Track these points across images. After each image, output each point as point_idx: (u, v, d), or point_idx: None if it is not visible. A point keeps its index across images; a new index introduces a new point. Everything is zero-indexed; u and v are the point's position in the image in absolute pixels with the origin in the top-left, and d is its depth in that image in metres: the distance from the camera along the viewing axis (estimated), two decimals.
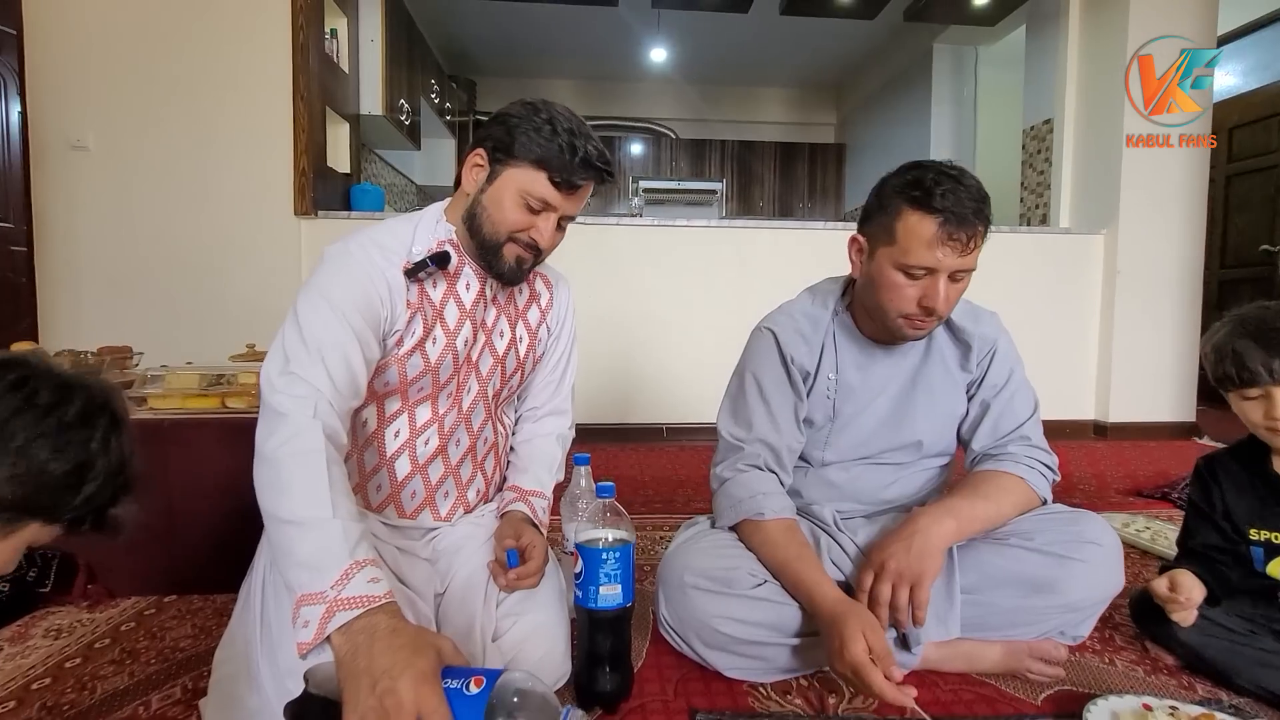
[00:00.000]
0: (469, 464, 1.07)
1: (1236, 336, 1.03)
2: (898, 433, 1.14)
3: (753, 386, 1.13)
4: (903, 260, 0.98)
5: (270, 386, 0.83)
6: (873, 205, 1.04)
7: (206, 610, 1.26)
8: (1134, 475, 2.38)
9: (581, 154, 0.92)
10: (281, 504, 0.75)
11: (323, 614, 0.68)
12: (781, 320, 1.14)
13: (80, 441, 0.63)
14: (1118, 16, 3.12)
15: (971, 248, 0.97)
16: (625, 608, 0.93)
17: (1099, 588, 1.03)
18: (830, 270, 1.27)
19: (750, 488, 1.07)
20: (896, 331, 1.05)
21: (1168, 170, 3.11)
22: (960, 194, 0.95)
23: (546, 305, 1.14)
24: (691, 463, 2.57)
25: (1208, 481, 1.13)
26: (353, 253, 0.93)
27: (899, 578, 0.94)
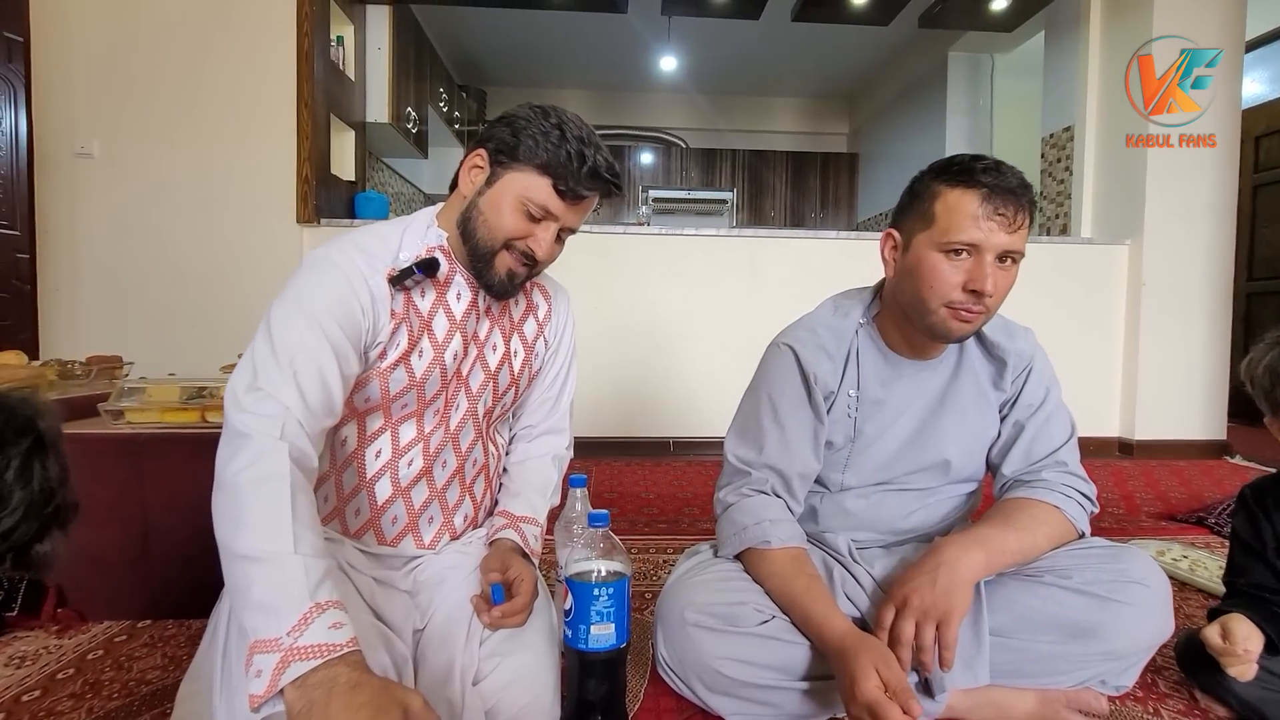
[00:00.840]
0: (456, 487, 0.99)
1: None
2: (923, 453, 1.05)
3: (767, 408, 1.04)
4: (944, 239, 0.90)
5: (235, 404, 0.75)
6: (905, 200, 0.99)
7: (180, 637, 1.19)
8: (1165, 497, 2.27)
9: (590, 164, 0.86)
10: (238, 537, 0.67)
11: (276, 663, 0.61)
12: (802, 335, 1.05)
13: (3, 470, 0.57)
14: (1140, 20, 3.03)
15: (1018, 224, 0.89)
16: (619, 649, 0.85)
17: (1145, 634, 0.92)
18: (841, 280, 1.19)
19: (755, 514, 0.99)
20: (938, 328, 0.94)
21: (1195, 178, 3.01)
22: (1003, 169, 0.90)
23: (544, 317, 1.07)
24: (698, 479, 2.48)
25: (1255, 513, 1.03)
26: (334, 258, 0.86)
27: (923, 615, 0.85)
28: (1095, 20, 3.26)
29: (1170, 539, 1.78)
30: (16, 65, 2.76)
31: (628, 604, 0.87)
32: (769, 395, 1.04)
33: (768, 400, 1.04)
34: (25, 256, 2.85)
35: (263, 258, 2.86)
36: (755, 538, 0.97)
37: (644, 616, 1.28)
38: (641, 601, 1.37)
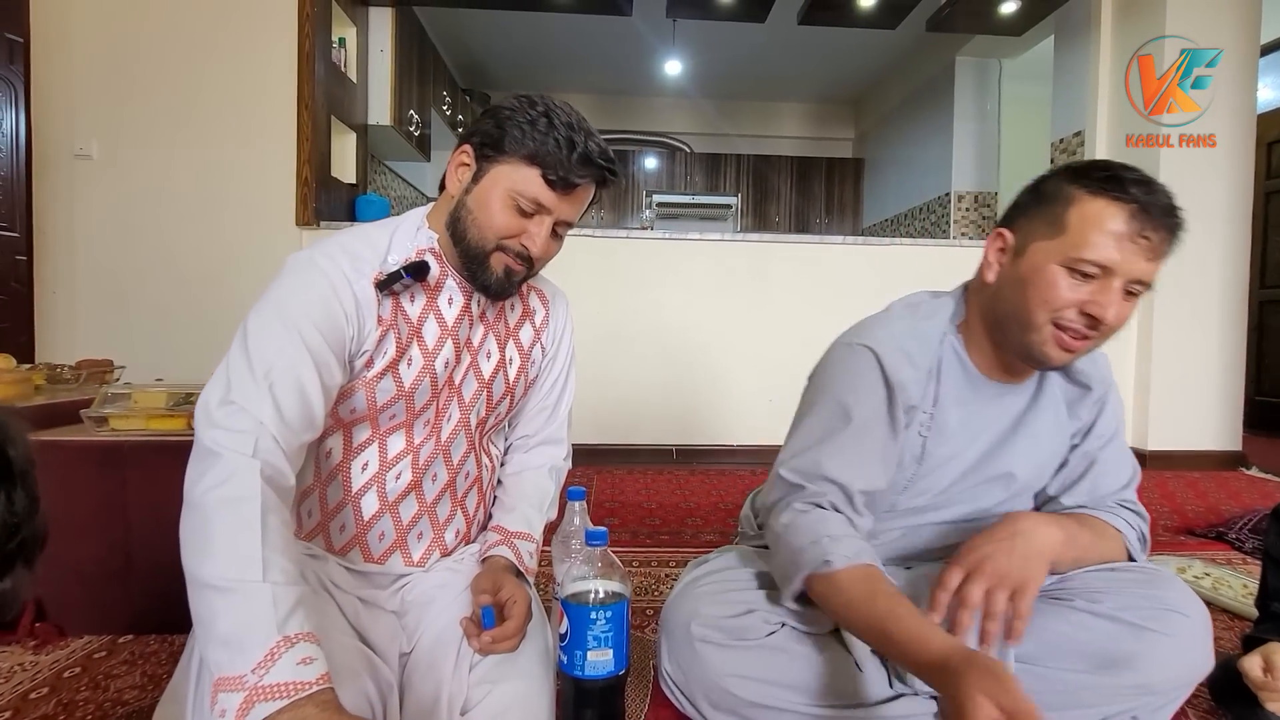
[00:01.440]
0: (447, 501, 0.94)
1: None
2: (982, 492, 0.95)
3: (837, 414, 0.89)
4: (1074, 254, 0.78)
5: (207, 419, 0.70)
6: (1026, 199, 0.87)
7: (161, 654, 1.14)
8: (1181, 510, 2.21)
9: (581, 149, 0.80)
10: (204, 564, 0.62)
11: (240, 703, 0.56)
12: (882, 337, 0.91)
13: None
14: (1152, 25, 2.98)
15: (1161, 253, 0.79)
16: (617, 676, 0.80)
17: (1183, 669, 0.85)
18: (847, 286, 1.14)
19: (811, 532, 0.83)
20: (1036, 349, 0.83)
21: (1208, 184, 2.96)
22: (1156, 187, 0.79)
23: (541, 323, 1.02)
24: (702, 489, 2.43)
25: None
26: (317, 262, 0.82)
27: (998, 580, 0.75)
28: (1106, 24, 3.22)
29: (1190, 555, 1.72)
30: (17, 66, 2.74)
31: (627, 627, 0.82)
32: (840, 400, 0.89)
33: (837, 406, 0.89)
34: (23, 259, 2.82)
35: (261, 261, 2.82)
36: (814, 560, 0.80)
37: (645, 634, 1.23)
38: (643, 619, 1.32)
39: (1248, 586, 1.47)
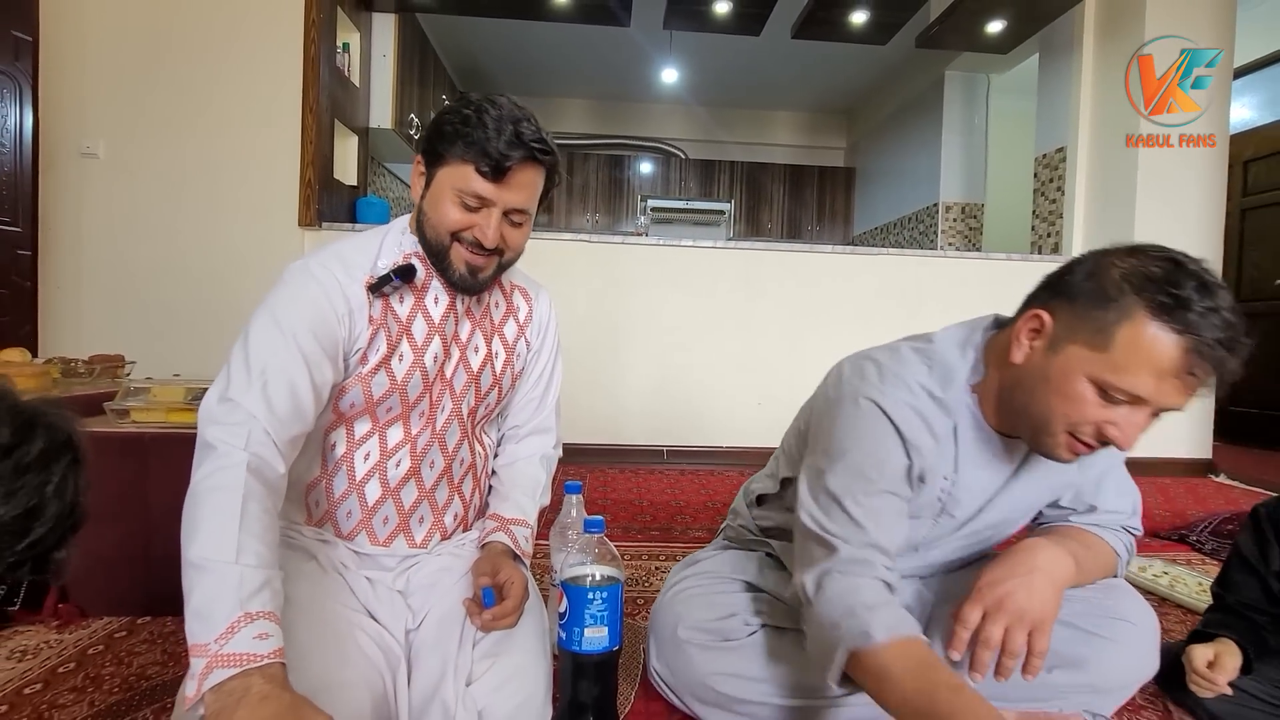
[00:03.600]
0: (445, 487, 1.02)
1: None
2: (979, 537, 0.97)
3: (859, 474, 0.83)
4: (1110, 378, 0.72)
5: (207, 415, 0.79)
6: (1080, 285, 0.77)
7: (179, 634, 1.21)
8: (1149, 514, 2.30)
9: (508, 135, 0.85)
10: (190, 544, 0.70)
11: (202, 668, 0.63)
12: (897, 394, 0.85)
13: (35, 485, 0.59)
14: (1132, 45, 3.10)
15: (1203, 387, 0.72)
16: (612, 652, 0.88)
17: (1130, 671, 0.94)
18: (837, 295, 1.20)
19: (852, 600, 0.77)
20: (1046, 449, 0.80)
21: (1184, 199, 3.07)
22: (1224, 315, 0.69)
23: (525, 318, 1.09)
24: (692, 487, 2.51)
25: (1265, 534, 1.04)
26: (312, 270, 0.90)
27: (1018, 619, 0.76)
28: (1088, 45, 3.33)
29: (1152, 555, 1.81)
30: (23, 63, 2.79)
31: (621, 608, 0.89)
32: (860, 465, 0.84)
33: (861, 465, 0.84)
34: (26, 253, 2.86)
35: (264, 260, 2.88)
36: (854, 634, 0.75)
37: (635, 622, 1.31)
38: (633, 608, 1.39)
39: (1202, 584, 1.56)
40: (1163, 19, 3.03)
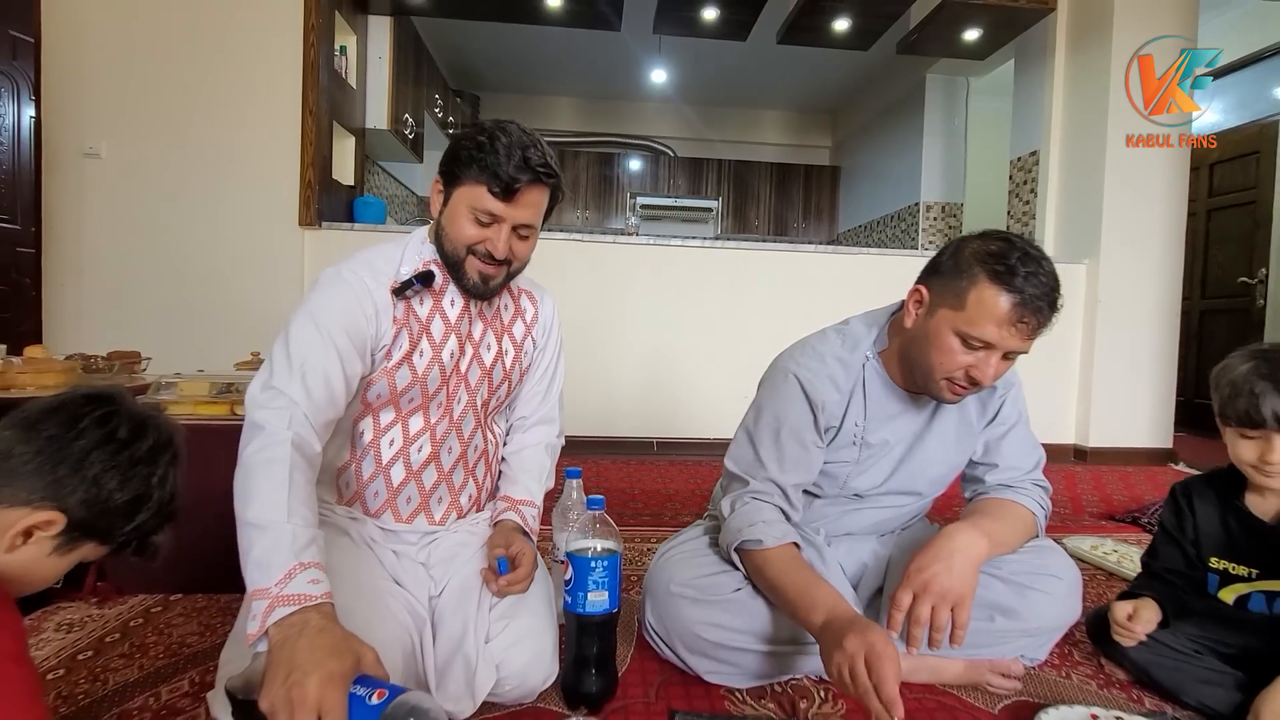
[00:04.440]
0: (461, 470, 1.13)
1: (1257, 377, 1.02)
2: (908, 479, 1.17)
3: (770, 429, 1.10)
4: (965, 329, 0.97)
5: (253, 400, 0.91)
6: (945, 264, 1.02)
7: (211, 609, 1.31)
8: (1108, 499, 2.46)
9: (516, 160, 0.96)
10: (247, 508, 0.82)
11: (265, 608, 0.75)
12: (811, 365, 1.11)
13: (144, 476, 0.71)
14: (1100, 56, 3.24)
15: (1036, 334, 0.97)
16: (611, 613, 1.00)
17: (1056, 617, 1.10)
18: (821, 292, 1.33)
19: (749, 517, 1.06)
20: (932, 392, 1.05)
21: (1147, 205, 3.23)
22: (1041, 279, 0.94)
23: (531, 319, 1.21)
24: (680, 477, 2.63)
25: (1182, 508, 1.18)
26: (344, 276, 1.01)
27: (941, 598, 0.92)
28: (1060, 53, 3.48)
29: (1105, 536, 1.96)
30: (22, 63, 2.84)
31: (619, 576, 1.01)
32: (775, 417, 1.10)
33: (772, 422, 1.10)
34: (28, 251, 2.92)
35: (265, 260, 2.96)
36: (750, 538, 1.03)
37: (629, 596, 1.43)
38: (627, 584, 1.51)
39: None
40: (1129, 29, 3.17)
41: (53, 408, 0.70)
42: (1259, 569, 1.09)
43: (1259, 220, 4.01)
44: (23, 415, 0.69)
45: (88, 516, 0.68)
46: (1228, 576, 1.12)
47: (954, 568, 0.95)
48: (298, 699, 0.66)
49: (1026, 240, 0.99)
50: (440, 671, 0.94)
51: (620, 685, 1.05)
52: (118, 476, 0.69)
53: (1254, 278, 4.00)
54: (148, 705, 0.98)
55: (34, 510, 0.66)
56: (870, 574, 1.18)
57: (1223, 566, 1.13)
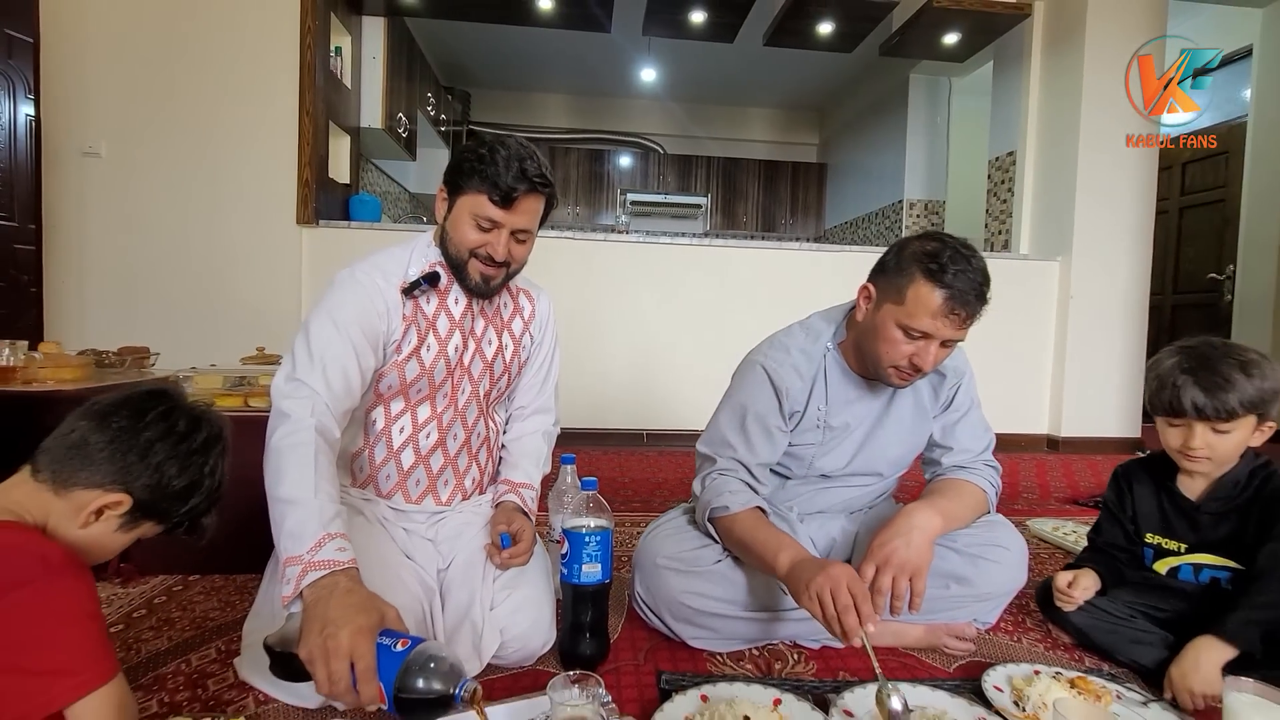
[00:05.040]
0: (465, 455, 1.23)
1: (1179, 371, 1.13)
2: (870, 459, 1.28)
3: (738, 415, 1.22)
4: (905, 321, 1.08)
5: (279, 392, 1.01)
6: (889, 263, 1.13)
7: (228, 588, 1.40)
8: (1075, 485, 2.59)
9: (514, 171, 1.06)
10: (279, 485, 0.92)
11: (299, 573, 0.85)
12: (777, 356, 1.23)
13: (198, 465, 0.80)
14: (1074, 62, 3.37)
15: (968, 324, 1.09)
16: (604, 584, 1.10)
17: (1005, 583, 1.23)
18: (805, 288, 1.42)
19: (718, 490, 1.18)
20: (884, 378, 1.16)
21: (1117, 205, 3.36)
22: (970, 275, 1.05)
23: (529, 316, 1.30)
24: (669, 466, 2.74)
25: (1123, 489, 1.30)
26: (358, 278, 1.11)
27: (900, 569, 1.03)
28: (1036, 57, 3.60)
29: (1068, 519, 2.08)
30: (19, 62, 2.89)
31: (610, 550, 1.11)
32: (743, 403, 1.22)
33: (740, 407, 1.22)
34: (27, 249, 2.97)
35: (264, 257, 3.03)
36: (718, 505, 1.16)
37: (620, 575, 1.53)
38: (618, 563, 1.61)
39: None
40: (1101, 35, 3.30)
41: (120, 402, 0.79)
42: (1188, 543, 1.21)
43: (1227, 218, 4.16)
44: (95, 408, 0.78)
45: (150, 499, 0.77)
46: (1161, 550, 1.24)
47: (912, 542, 1.06)
48: (333, 648, 0.76)
49: (959, 240, 1.10)
50: (449, 636, 1.04)
51: (612, 650, 1.15)
52: (177, 465, 0.78)
53: (1222, 274, 4.15)
54: (180, 670, 1.07)
55: (105, 492, 0.75)
56: (839, 548, 1.28)
57: (1157, 541, 1.25)
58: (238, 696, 1.00)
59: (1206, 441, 1.12)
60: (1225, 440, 1.12)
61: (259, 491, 0.97)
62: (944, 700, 1.00)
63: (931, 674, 1.13)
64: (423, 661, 0.76)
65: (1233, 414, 1.09)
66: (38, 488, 0.76)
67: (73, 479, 0.76)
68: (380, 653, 0.77)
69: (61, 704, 0.67)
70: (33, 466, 0.78)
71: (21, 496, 0.76)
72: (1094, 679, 1.06)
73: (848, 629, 0.93)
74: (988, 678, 1.06)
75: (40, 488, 0.76)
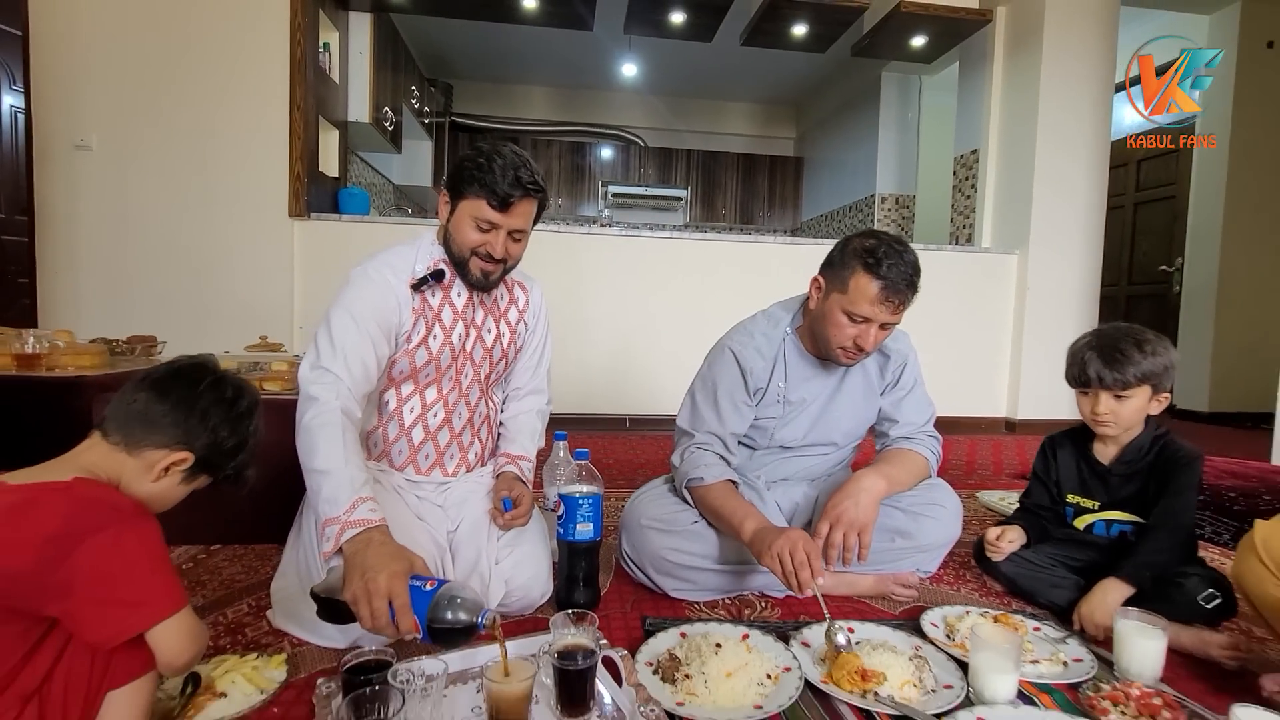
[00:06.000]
0: (468, 432, 1.37)
1: (1088, 349, 1.32)
2: (825, 430, 1.45)
3: (710, 392, 1.40)
4: (849, 308, 1.25)
5: (306, 379, 1.14)
6: (835, 259, 1.30)
7: (249, 556, 1.53)
8: (1026, 463, 2.80)
9: (510, 178, 1.19)
10: (313, 459, 1.06)
11: (337, 531, 0.99)
12: (742, 339, 1.41)
13: (245, 426, 0.93)
14: (1031, 65, 3.56)
15: (902, 309, 1.26)
16: (595, 541, 1.25)
17: (942, 535, 1.41)
18: (780, 279, 1.57)
19: (695, 462, 1.35)
20: (833, 357, 1.34)
21: (1071, 202, 3.57)
22: (902, 268, 1.22)
23: (524, 307, 1.45)
24: (652, 449, 2.90)
25: (1048, 456, 1.49)
26: (371, 275, 1.24)
27: (850, 526, 1.20)
28: (998, 60, 3.79)
29: (1014, 491, 2.28)
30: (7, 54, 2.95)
31: (600, 512, 1.27)
32: (714, 382, 1.40)
33: (712, 385, 1.40)
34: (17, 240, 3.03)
35: (257, 249, 3.12)
36: (694, 477, 1.34)
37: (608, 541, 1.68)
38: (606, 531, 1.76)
39: None
40: (1057, 40, 3.49)
41: (173, 374, 0.91)
42: (1101, 502, 1.40)
43: (1177, 213, 4.41)
44: (151, 381, 0.90)
45: (207, 456, 0.90)
46: (1080, 509, 1.43)
47: (860, 503, 1.23)
48: (373, 589, 0.90)
49: (894, 237, 1.28)
50: None
51: (602, 601, 1.31)
52: (229, 426, 0.91)
53: (1172, 266, 4.41)
54: (219, 621, 1.20)
55: (171, 451, 0.88)
56: (801, 511, 1.45)
57: (1076, 501, 1.43)
58: (274, 641, 1.14)
59: (1110, 408, 1.31)
60: (1125, 406, 1.30)
61: (274, 470, 1.08)
62: (887, 634, 1.18)
63: (880, 617, 1.30)
64: (450, 597, 0.90)
65: (1129, 384, 1.28)
66: (111, 450, 0.88)
67: (143, 441, 0.88)
68: (412, 592, 0.91)
69: (140, 629, 0.80)
70: (102, 432, 0.90)
71: (96, 458, 0.89)
72: (1016, 617, 1.24)
73: (802, 582, 1.10)
74: (925, 617, 1.24)
75: (114, 449, 0.88)
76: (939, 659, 1.10)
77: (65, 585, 0.75)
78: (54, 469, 0.86)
